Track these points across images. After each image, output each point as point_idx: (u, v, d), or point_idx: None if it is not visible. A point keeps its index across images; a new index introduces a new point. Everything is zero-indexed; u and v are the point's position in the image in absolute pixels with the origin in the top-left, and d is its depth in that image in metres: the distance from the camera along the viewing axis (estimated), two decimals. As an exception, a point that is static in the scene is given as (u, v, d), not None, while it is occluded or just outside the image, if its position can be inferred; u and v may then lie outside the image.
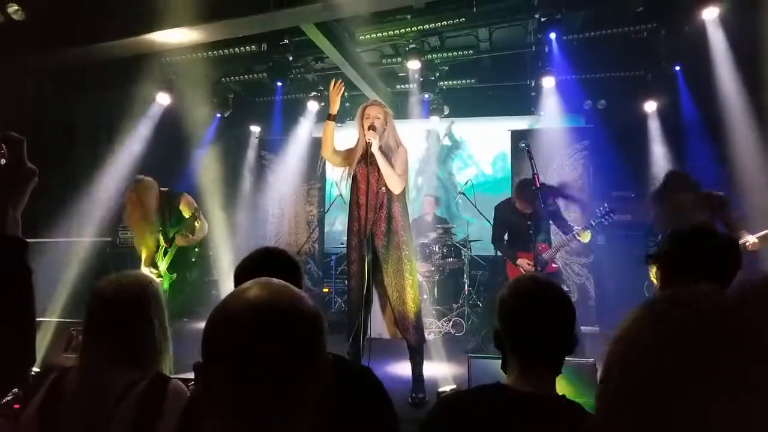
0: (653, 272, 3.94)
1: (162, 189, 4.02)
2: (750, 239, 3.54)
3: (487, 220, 5.43)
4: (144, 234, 3.94)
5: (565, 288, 5.09)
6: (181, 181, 6.12)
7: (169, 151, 6.62)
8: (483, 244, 6.65)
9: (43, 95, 5.67)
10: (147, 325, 1.47)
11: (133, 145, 6.20)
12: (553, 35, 5.40)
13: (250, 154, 8.23)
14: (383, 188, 3.50)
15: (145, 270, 3.90)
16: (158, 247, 3.97)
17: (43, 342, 2.89)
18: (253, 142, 8.31)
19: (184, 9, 4.49)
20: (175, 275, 3.91)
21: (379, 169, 3.45)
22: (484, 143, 8.14)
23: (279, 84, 6.67)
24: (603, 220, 4.20)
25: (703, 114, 5.86)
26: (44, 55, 5.22)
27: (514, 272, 4.39)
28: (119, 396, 1.33)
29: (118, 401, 1.32)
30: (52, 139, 5.60)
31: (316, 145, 7.79)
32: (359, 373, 1.47)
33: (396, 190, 3.49)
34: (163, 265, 3.91)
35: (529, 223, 4.02)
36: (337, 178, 3.75)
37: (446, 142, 8.29)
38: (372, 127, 3.43)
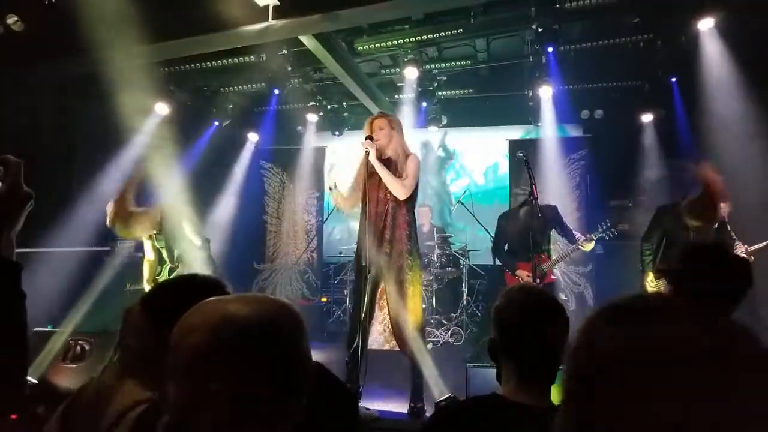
0: (648, 280, 3.94)
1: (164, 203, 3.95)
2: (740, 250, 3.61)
3: (485, 228, 5.44)
4: (144, 239, 3.86)
5: (563, 297, 5.10)
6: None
7: (165, 162, 6.60)
8: (481, 254, 6.66)
9: (42, 105, 5.67)
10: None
11: (131, 154, 6.19)
12: (550, 46, 5.43)
13: (248, 164, 8.23)
14: (388, 195, 3.49)
15: (148, 287, 3.83)
16: (161, 263, 3.90)
17: (42, 351, 2.87)
18: (252, 151, 8.31)
19: (183, 19, 4.52)
20: None
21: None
22: (477, 154, 8.18)
23: (277, 94, 6.69)
24: (605, 234, 4.21)
25: (699, 124, 5.88)
26: (43, 66, 5.23)
27: (512, 282, 4.39)
28: (115, 418, 1.31)
29: (112, 424, 1.30)
30: (51, 149, 5.60)
31: (314, 154, 7.83)
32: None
33: (400, 196, 3.45)
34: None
35: (530, 233, 4.02)
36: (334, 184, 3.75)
37: (440, 153, 8.33)
38: (370, 138, 3.44)
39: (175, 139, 6.52)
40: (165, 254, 3.85)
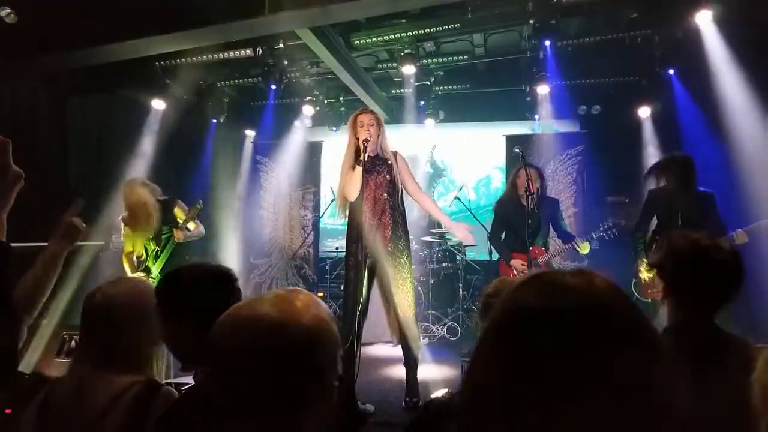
0: (642, 268, 3.93)
1: (159, 199, 3.99)
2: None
3: (483, 226, 5.42)
4: (135, 238, 3.92)
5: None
6: (176, 186, 6.09)
7: (162, 157, 6.57)
8: (478, 249, 6.65)
9: (36, 99, 5.63)
10: (140, 329, 1.45)
11: (127, 150, 6.16)
12: (547, 41, 5.41)
13: (245, 159, 8.20)
14: (385, 194, 3.51)
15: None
16: (147, 252, 3.94)
17: (36, 346, 2.86)
18: (248, 146, 8.28)
19: (179, 13, 4.49)
20: None
21: (379, 174, 3.48)
22: (468, 165, 8.07)
23: (274, 88, 6.66)
24: (604, 234, 4.20)
25: (699, 117, 5.85)
26: (37, 59, 5.19)
27: (506, 272, 4.38)
28: (106, 406, 1.30)
29: (105, 412, 1.29)
30: (45, 143, 5.56)
31: (311, 149, 7.81)
32: None
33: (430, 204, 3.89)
34: (155, 269, 3.89)
35: (530, 221, 4.01)
36: (334, 183, 3.77)
37: (428, 169, 8.27)
38: (366, 140, 3.42)
39: (172, 134, 6.51)
40: (151, 243, 3.90)
